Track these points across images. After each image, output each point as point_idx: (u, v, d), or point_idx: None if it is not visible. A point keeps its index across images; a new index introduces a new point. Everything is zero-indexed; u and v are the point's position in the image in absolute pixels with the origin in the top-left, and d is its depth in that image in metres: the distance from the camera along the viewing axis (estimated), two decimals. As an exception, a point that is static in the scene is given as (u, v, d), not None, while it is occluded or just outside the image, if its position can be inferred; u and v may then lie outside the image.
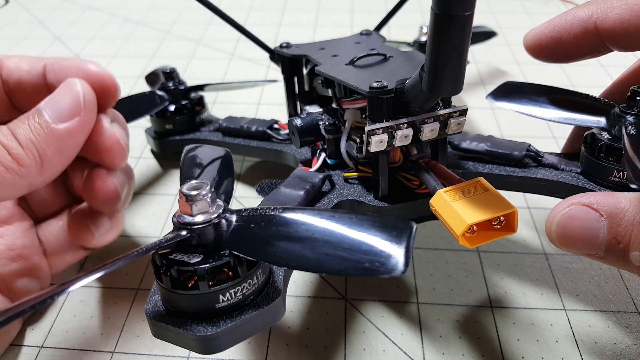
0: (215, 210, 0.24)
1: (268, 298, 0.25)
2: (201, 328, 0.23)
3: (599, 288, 0.36)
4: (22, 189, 0.28)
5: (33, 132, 0.27)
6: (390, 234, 0.22)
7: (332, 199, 0.34)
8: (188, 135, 0.47)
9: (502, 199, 0.27)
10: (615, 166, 0.31)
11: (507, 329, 0.33)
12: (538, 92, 0.34)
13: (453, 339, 0.33)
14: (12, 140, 0.27)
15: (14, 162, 0.26)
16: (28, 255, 0.34)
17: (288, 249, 0.23)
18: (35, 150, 0.27)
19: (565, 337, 0.33)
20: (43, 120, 0.28)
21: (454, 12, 0.21)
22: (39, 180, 0.28)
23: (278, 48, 0.41)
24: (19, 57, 0.33)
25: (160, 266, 0.24)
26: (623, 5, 0.28)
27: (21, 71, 0.32)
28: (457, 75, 0.24)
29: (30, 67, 0.32)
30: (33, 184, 0.28)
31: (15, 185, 0.27)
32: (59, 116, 0.28)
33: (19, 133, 0.27)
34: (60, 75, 0.32)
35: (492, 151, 0.36)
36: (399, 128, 0.30)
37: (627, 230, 0.24)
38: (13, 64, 0.33)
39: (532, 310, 0.34)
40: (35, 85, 0.32)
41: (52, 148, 0.28)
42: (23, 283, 0.33)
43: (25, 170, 0.27)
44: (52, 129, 0.28)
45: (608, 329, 0.33)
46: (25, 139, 0.27)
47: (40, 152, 0.27)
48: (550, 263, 0.38)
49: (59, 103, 0.29)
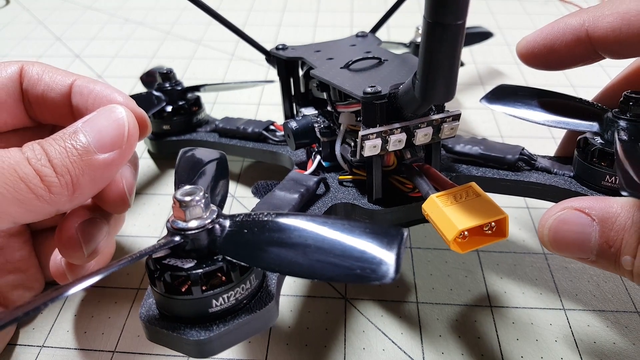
0: (209, 216, 0.24)
1: (261, 302, 0.25)
2: (194, 332, 0.23)
3: (598, 288, 0.36)
4: (49, 213, 0.26)
5: (70, 157, 0.25)
6: (381, 240, 0.22)
7: (327, 202, 0.34)
8: (185, 136, 0.47)
9: (494, 204, 0.27)
10: (608, 171, 0.31)
11: (506, 328, 0.34)
12: (532, 96, 0.34)
13: (452, 338, 0.33)
14: (47, 166, 0.25)
15: (45, 190, 0.25)
16: (24, 268, 0.34)
17: (281, 255, 0.23)
18: (70, 177, 0.25)
19: (565, 337, 0.33)
20: (82, 146, 0.26)
21: (446, 21, 0.21)
22: (67, 206, 0.26)
23: (274, 50, 0.41)
24: (42, 66, 0.32)
25: (154, 271, 0.24)
26: (614, 14, 0.28)
27: (43, 85, 0.31)
28: (449, 83, 0.24)
29: (53, 82, 0.31)
30: (60, 210, 0.26)
31: (42, 211, 0.25)
32: (100, 145, 0.26)
33: (54, 156, 0.25)
34: (89, 100, 0.30)
35: (485, 154, 0.36)
36: (392, 133, 0.30)
37: (619, 235, 0.24)
38: (36, 74, 0.31)
39: (532, 309, 0.35)
40: (57, 103, 0.31)
41: (87, 178, 0.26)
42: (19, 294, 0.33)
43: (55, 198, 0.25)
44: (91, 159, 0.26)
45: (607, 328, 0.33)
46: (60, 165, 0.25)
47: (74, 180, 0.26)
48: (549, 263, 0.38)
49: (102, 131, 0.27)
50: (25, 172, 0.24)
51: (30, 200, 0.24)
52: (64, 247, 0.30)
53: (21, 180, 0.24)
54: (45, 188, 0.25)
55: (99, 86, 0.31)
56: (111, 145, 0.27)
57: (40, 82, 0.31)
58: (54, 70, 0.32)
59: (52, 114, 0.32)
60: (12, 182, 0.24)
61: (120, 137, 0.27)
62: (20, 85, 0.31)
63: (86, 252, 0.30)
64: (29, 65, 0.32)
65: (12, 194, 0.24)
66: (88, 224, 0.30)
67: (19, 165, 0.24)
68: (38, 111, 0.32)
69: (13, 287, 0.33)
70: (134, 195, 0.32)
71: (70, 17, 0.79)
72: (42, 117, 0.33)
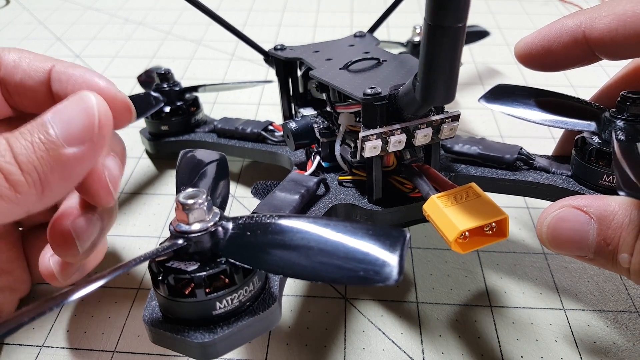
0: (212, 219, 0.24)
1: (264, 304, 0.25)
2: (198, 335, 0.23)
3: (598, 288, 0.36)
4: (18, 215, 0.24)
5: (36, 152, 0.23)
6: (384, 242, 0.22)
7: (327, 202, 0.34)
8: (183, 137, 0.47)
9: (494, 205, 0.27)
10: (605, 170, 0.31)
11: (506, 328, 0.34)
12: (530, 95, 0.35)
13: (452, 338, 0.33)
14: (11, 163, 0.23)
15: (11, 189, 0.22)
16: (11, 269, 0.33)
17: (284, 257, 0.23)
18: (37, 175, 0.23)
19: (565, 337, 0.33)
20: (49, 140, 0.23)
21: (446, 24, 0.21)
22: (37, 206, 0.24)
23: (272, 50, 0.41)
24: (19, 53, 0.30)
25: (157, 274, 0.24)
26: (611, 15, 0.28)
27: (21, 72, 0.29)
28: (450, 85, 0.24)
29: (31, 69, 0.29)
30: (30, 210, 0.24)
31: (10, 213, 0.23)
32: (69, 138, 0.24)
33: (20, 152, 0.23)
34: (68, 86, 0.29)
35: (484, 154, 0.36)
36: (392, 134, 0.30)
37: (616, 233, 0.24)
38: (12, 62, 0.29)
39: (532, 309, 0.35)
40: (36, 90, 0.29)
41: (56, 174, 0.24)
42: (4, 296, 0.33)
43: (23, 198, 0.23)
44: (59, 153, 0.24)
45: (607, 328, 0.33)
46: (26, 162, 0.23)
47: (42, 177, 0.23)
48: (549, 263, 0.38)
49: (70, 122, 0.24)
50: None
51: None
52: (57, 244, 0.28)
53: None
54: (10, 188, 0.22)
55: (79, 70, 0.29)
56: (81, 138, 0.24)
57: (18, 70, 0.29)
58: (32, 56, 0.30)
59: (33, 103, 0.30)
60: None
61: (91, 127, 0.25)
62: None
63: (81, 250, 0.28)
64: (4, 52, 0.29)
65: None
66: (81, 220, 0.28)
67: None
68: (18, 100, 0.30)
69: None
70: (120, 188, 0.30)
71: (71, 17, 0.79)
72: (22, 106, 0.31)
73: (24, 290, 0.35)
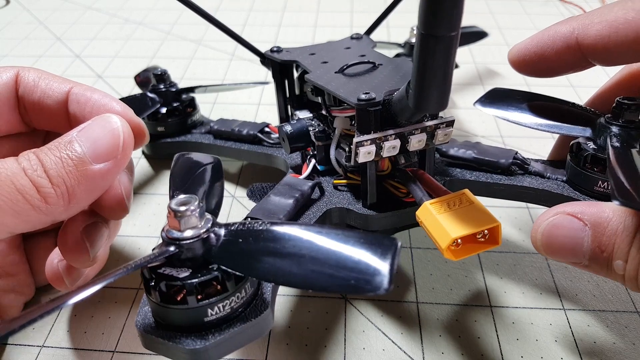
0: (204, 225, 0.24)
1: (256, 310, 0.25)
2: (190, 341, 0.24)
3: (598, 288, 0.36)
4: (45, 223, 0.26)
5: (65, 167, 0.26)
6: (375, 251, 0.22)
7: (322, 206, 0.34)
8: (179, 138, 0.47)
9: (487, 212, 0.27)
10: (600, 176, 0.31)
11: (506, 328, 0.34)
12: (525, 100, 0.35)
13: (452, 338, 0.33)
14: (43, 177, 0.25)
15: (42, 200, 0.25)
16: (15, 272, 0.34)
17: (275, 265, 0.23)
18: (65, 187, 0.26)
19: (565, 337, 0.33)
20: (77, 157, 0.26)
21: (439, 33, 0.21)
22: (63, 216, 0.27)
23: (269, 52, 0.41)
24: (38, 73, 0.32)
25: (149, 280, 0.24)
26: (603, 22, 0.28)
27: (40, 92, 0.31)
28: (443, 93, 0.24)
29: (49, 89, 0.31)
30: (56, 219, 0.26)
31: (39, 222, 0.26)
32: (96, 156, 0.26)
33: (50, 167, 0.25)
34: (86, 108, 0.30)
35: (478, 158, 0.36)
36: (386, 139, 0.30)
37: (611, 240, 0.24)
38: (32, 81, 0.31)
39: (532, 309, 0.35)
40: (52, 109, 0.31)
41: (83, 188, 0.26)
42: (9, 299, 0.34)
43: (52, 208, 0.25)
44: (86, 169, 0.26)
45: (607, 328, 0.34)
46: (55, 175, 0.25)
47: (69, 190, 0.26)
48: (549, 263, 0.38)
49: (96, 141, 0.27)
50: (22, 184, 0.24)
51: (27, 211, 0.25)
52: (70, 251, 0.30)
53: (18, 191, 0.24)
54: (41, 199, 0.25)
55: (97, 94, 0.31)
56: (106, 155, 0.27)
57: (37, 89, 0.31)
58: (50, 77, 0.32)
59: (48, 121, 0.32)
60: (9, 193, 0.24)
61: (116, 147, 0.27)
62: (16, 92, 0.31)
63: (92, 255, 0.30)
64: (24, 71, 0.31)
65: (9, 205, 0.24)
66: (92, 227, 0.30)
67: (16, 177, 0.24)
68: (34, 118, 0.32)
69: (4, 292, 0.33)
70: (132, 200, 0.32)
71: (71, 17, 0.80)
72: (37, 123, 0.33)
73: (28, 294, 0.35)
